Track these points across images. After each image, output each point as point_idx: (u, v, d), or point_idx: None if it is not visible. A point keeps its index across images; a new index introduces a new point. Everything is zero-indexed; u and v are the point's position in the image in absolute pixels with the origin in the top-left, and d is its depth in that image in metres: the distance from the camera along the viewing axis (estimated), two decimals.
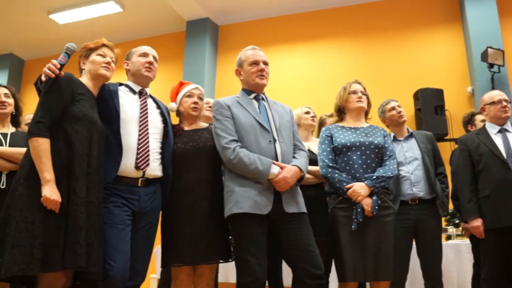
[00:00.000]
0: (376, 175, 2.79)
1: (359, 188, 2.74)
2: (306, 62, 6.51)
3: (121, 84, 2.71)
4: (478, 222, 3.15)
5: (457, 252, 3.94)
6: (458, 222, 4.25)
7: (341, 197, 2.82)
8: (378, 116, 3.62)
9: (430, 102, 5.38)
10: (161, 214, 2.70)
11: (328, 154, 2.91)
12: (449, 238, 4.28)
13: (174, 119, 2.93)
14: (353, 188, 2.75)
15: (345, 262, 2.72)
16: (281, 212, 2.51)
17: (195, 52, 6.74)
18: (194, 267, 2.71)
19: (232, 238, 2.65)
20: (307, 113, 3.61)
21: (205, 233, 2.60)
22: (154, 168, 2.56)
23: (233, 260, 2.65)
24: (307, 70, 6.44)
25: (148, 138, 2.56)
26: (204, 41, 6.74)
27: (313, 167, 3.11)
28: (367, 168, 2.84)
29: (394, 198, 3.12)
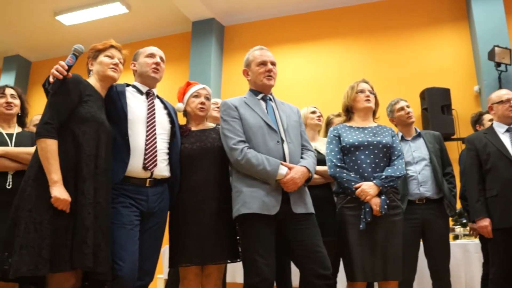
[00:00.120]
0: (384, 175, 2.78)
1: (368, 187, 2.73)
2: (311, 62, 6.50)
3: (128, 85, 2.72)
4: (486, 222, 3.14)
5: (464, 252, 3.92)
6: (465, 222, 4.23)
7: (349, 196, 2.81)
8: (387, 115, 3.61)
9: (436, 101, 5.35)
10: (168, 214, 2.71)
11: (336, 154, 2.90)
12: (456, 238, 4.26)
13: (181, 120, 2.93)
14: (361, 187, 2.74)
15: (354, 262, 2.71)
16: (289, 212, 2.51)
17: (201, 52, 6.74)
18: (202, 267, 2.71)
19: (239, 238, 2.64)
20: (313, 112, 3.61)
21: (212, 233, 2.60)
22: (162, 168, 2.57)
23: (240, 260, 2.64)
24: (313, 70, 6.43)
25: (155, 138, 2.56)
26: (210, 41, 6.74)
27: (320, 167, 3.10)
28: (376, 167, 2.83)
29: (401, 198, 3.11)
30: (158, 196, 2.56)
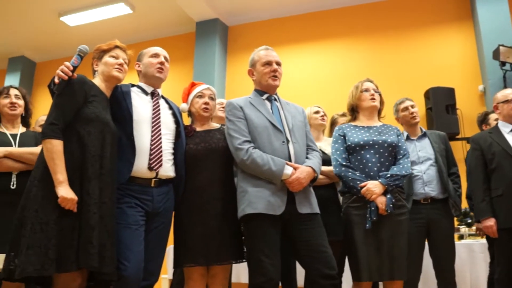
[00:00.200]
0: (390, 173, 2.77)
1: (373, 186, 2.73)
2: (316, 62, 6.50)
3: (133, 85, 2.72)
4: (491, 222, 3.14)
5: (470, 251, 3.91)
6: (470, 221, 4.22)
7: (355, 196, 2.81)
8: (393, 114, 3.61)
9: (441, 101, 5.35)
10: (173, 214, 2.71)
11: (341, 153, 2.89)
12: (461, 237, 4.25)
13: (186, 120, 2.93)
14: (367, 186, 2.73)
15: (359, 261, 2.70)
16: (294, 212, 2.50)
17: (205, 53, 6.76)
18: (208, 268, 2.70)
19: (245, 238, 2.64)
20: (317, 112, 3.57)
21: (217, 233, 2.60)
22: (167, 168, 2.57)
23: (245, 260, 2.64)
24: (317, 70, 6.43)
25: (160, 139, 2.56)
26: (213, 41, 6.75)
27: (324, 167, 3.09)
28: (381, 166, 2.82)
29: (406, 197, 3.10)
30: (163, 196, 2.56)
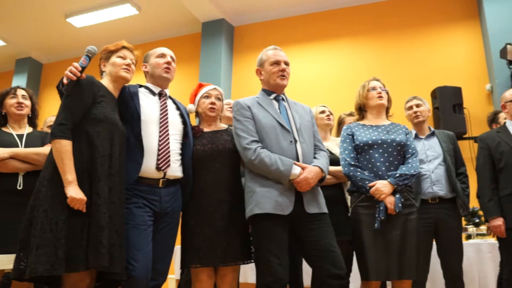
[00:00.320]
0: (399, 173, 2.76)
1: (382, 186, 2.72)
2: (322, 61, 6.49)
3: (140, 86, 2.73)
4: (499, 221, 3.13)
5: (478, 251, 3.89)
6: (478, 221, 4.20)
7: (363, 195, 2.79)
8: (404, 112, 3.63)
9: (448, 100, 5.33)
10: (180, 215, 2.71)
11: (350, 153, 2.88)
12: (469, 237, 4.23)
13: (194, 122, 2.93)
14: (376, 186, 2.72)
15: (368, 261, 2.69)
16: (302, 212, 2.50)
17: (211, 53, 6.76)
18: (216, 269, 2.70)
19: (253, 238, 2.64)
20: (322, 112, 3.55)
21: (224, 234, 2.60)
22: (175, 169, 2.57)
23: (253, 261, 2.64)
24: (324, 70, 6.42)
25: (168, 139, 2.57)
26: (219, 42, 6.76)
27: (332, 167, 3.08)
28: (390, 166, 2.81)
29: (415, 196, 3.09)
30: (171, 196, 2.57)
